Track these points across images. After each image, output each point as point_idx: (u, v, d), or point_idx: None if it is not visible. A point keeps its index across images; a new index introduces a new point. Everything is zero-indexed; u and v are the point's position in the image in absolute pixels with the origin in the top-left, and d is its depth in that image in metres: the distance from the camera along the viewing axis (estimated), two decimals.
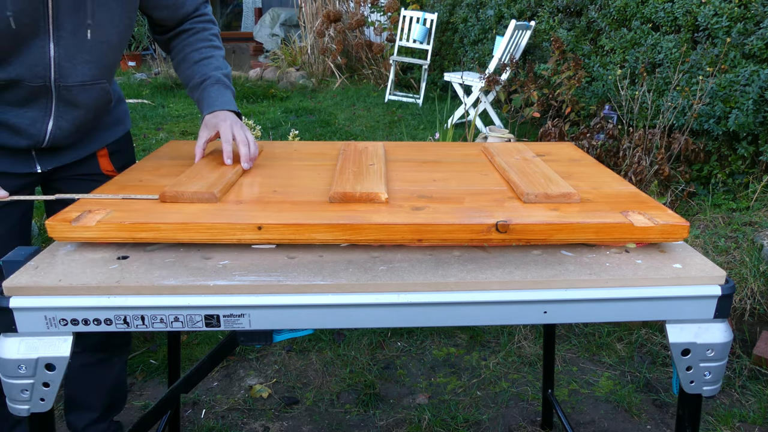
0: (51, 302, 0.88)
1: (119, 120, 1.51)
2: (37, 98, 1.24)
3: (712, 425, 1.90)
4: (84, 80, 1.26)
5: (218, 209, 1.04)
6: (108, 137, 1.47)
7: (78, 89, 1.27)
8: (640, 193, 1.17)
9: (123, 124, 1.53)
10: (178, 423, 1.83)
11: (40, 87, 1.22)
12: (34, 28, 1.15)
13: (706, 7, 3.55)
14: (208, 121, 1.34)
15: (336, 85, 7.45)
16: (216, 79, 1.38)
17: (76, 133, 1.35)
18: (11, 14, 1.11)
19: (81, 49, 1.23)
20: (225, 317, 0.91)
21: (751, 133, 3.32)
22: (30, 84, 1.21)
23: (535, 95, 4.47)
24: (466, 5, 6.38)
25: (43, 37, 1.17)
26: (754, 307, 2.41)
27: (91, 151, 1.44)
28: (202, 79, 1.38)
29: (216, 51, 1.45)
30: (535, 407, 2.01)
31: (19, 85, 1.20)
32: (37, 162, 1.34)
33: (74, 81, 1.25)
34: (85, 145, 1.42)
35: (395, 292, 0.92)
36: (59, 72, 1.22)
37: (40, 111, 1.26)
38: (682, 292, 0.94)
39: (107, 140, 1.47)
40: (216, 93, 1.37)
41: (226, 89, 1.39)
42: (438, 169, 1.32)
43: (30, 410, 0.92)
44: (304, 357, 2.26)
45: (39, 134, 1.28)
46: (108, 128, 1.47)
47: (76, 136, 1.37)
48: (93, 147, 1.44)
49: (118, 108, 1.50)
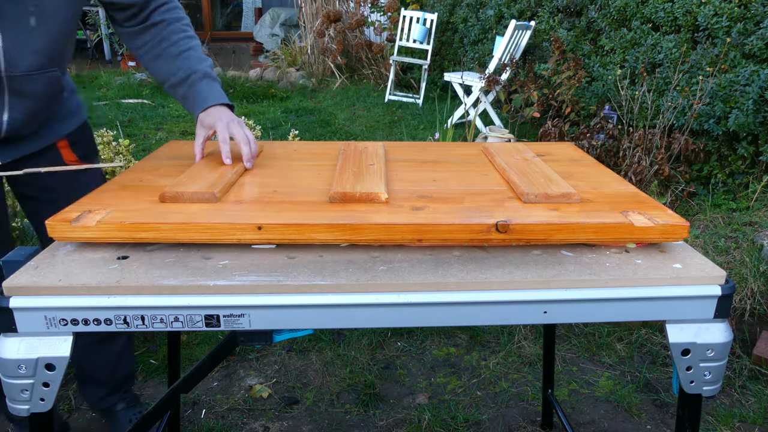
0: (51, 302, 0.88)
1: (74, 111, 1.50)
2: None
3: (712, 425, 1.90)
4: (31, 69, 1.25)
5: (218, 209, 1.04)
6: (65, 128, 1.47)
7: (26, 79, 1.25)
8: (640, 193, 1.17)
9: (78, 116, 1.51)
10: (178, 423, 1.83)
11: None
12: None
13: (706, 7, 3.55)
14: (204, 120, 1.31)
15: (336, 85, 7.45)
16: (203, 73, 1.34)
17: (31, 123, 1.35)
18: None
19: (27, 38, 1.21)
20: (225, 317, 0.91)
21: (751, 133, 3.32)
22: None
23: (535, 95, 4.47)
24: (466, 5, 6.39)
25: None
26: (754, 307, 2.41)
27: (50, 143, 1.44)
28: (187, 74, 1.34)
29: (193, 41, 1.39)
30: (535, 407, 2.01)
31: None
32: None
33: (22, 70, 1.24)
34: (43, 136, 1.41)
35: (395, 292, 0.92)
36: (8, 62, 1.21)
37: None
38: (682, 292, 0.94)
39: (65, 131, 1.47)
40: (206, 88, 1.33)
41: (214, 82, 1.35)
42: (438, 169, 1.32)
43: (30, 410, 0.92)
44: (304, 357, 2.26)
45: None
46: (64, 119, 1.46)
47: (32, 127, 1.37)
48: (51, 138, 1.44)
49: (71, 99, 1.49)
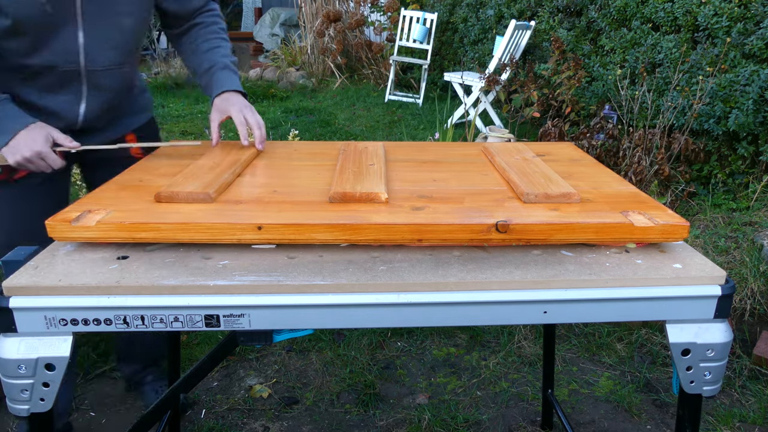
0: (51, 302, 0.88)
1: (143, 107, 1.66)
2: (70, 83, 1.38)
3: (712, 425, 1.90)
4: (110, 64, 1.40)
5: (218, 209, 1.04)
6: (134, 122, 1.62)
7: (104, 73, 1.40)
8: (640, 193, 1.17)
9: (147, 111, 1.68)
10: (178, 423, 1.83)
11: (72, 72, 1.36)
12: (64, 16, 1.28)
13: (706, 7, 3.55)
14: (218, 105, 1.44)
15: (336, 85, 7.45)
16: (224, 65, 1.49)
17: (105, 115, 1.50)
18: (45, 1, 1.23)
19: (106, 36, 1.36)
20: (225, 317, 0.91)
21: (751, 133, 3.32)
22: (62, 69, 1.34)
23: (535, 95, 4.47)
24: (466, 5, 6.39)
25: (72, 24, 1.30)
26: (754, 307, 2.41)
27: (120, 135, 1.58)
28: (210, 65, 1.49)
29: (224, 42, 1.56)
30: (535, 407, 2.01)
31: (53, 71, 1.34)
32: None
33: (101, 65, 1.39)
34: (114, 128, 1.57)
35: (395, 292, 0.92)
36: (88, 57, 1.35)
37: (73, 95, 1.40)
38: (682, 292, 0.94)
39: (134, 125, 1.62)
40: (223, 76, 1.47)
41: (233, 74, 1.49)
42: (438, 169, 1.32)
43: (30, 410, 0.92)
44: (304, 357, 2.26)
45: (73, 116, 1.43)
46: (133, 114, 1.62)
47: (105, 119, 1.52)
48: (121, 131, 1.58)
49: (142, 96, 1.65)
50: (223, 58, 1.50)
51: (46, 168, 1.31)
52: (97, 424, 1.90)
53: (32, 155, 1.27)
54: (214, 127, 1.43)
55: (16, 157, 1.27)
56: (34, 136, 1.28)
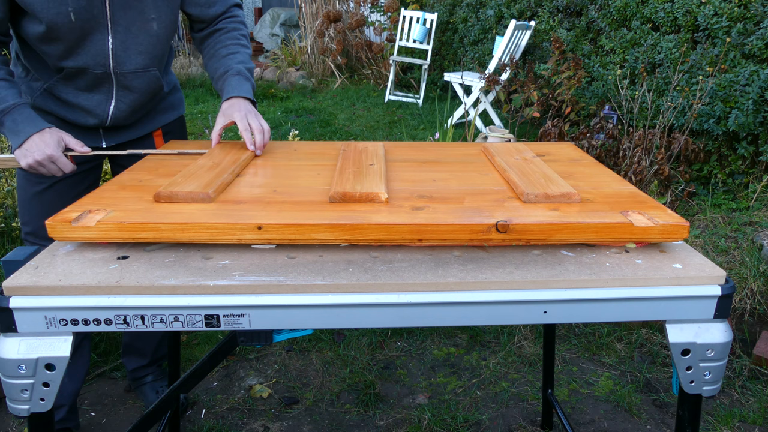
0: (51, 302, 0.88)
1: (173, 106, 1.72)
2: (101, 84, 1.47)
3: (712, 425, 1.90)
4: (137, 68, 1.48)
5: (218, 209, 1.04)
6: (162, 120, 1.69)
7: (132, 76, 1.48)
8: (639, 193, 1.17)
9: (176, 110, 1.73)
10: (178, 423, 1.83)
11: (103, 74, 1.45)
12: (94, 23, 1.36)
13: (706, 7, 3.55)
14: (225, 110, 1.47)
15: (336, 85, 7.45)
16: (237, 71, 1.53)
17: (133, 114, 1.57)
18: (72, 10, 1.31)
19: (134, 41, 1.44)
20: (225, 317, 0.91)
21: (751, 133, 3.32)
22: (94, 71, 1.43)
23: (535, 95, 4.47)
24: (466, 5, 6.39)
25: (102, 31, 1.39)
26: (754, 307, 2.41)
27: (148, 131, 1.66)
28: (225, 70, 1.53)
29: (242, 48, 1.59)
30: (535, 407, 2.01)
31: (86, 73, 1.43)
32: (104, 138, 1.59)
33: (129, 68, 1.46)
34: (143, 125, 1.65)
35: (395, 292, 0.92)
36: (116, 61, 1.44)
37: (104, 95, 1.49)
38: (682, 292, 0.94)
39: (161, 123, 1.69)
40: (235, 82, 1.51)
41: (245, 80, 1.53)
42: (438, 169, 1.32)
43: (30, 410, 0.92)
44: (304, 357, 2.26)
45: (103, 114, 1.52)
46: (162, 112, 1.68)
47: (133, 117, 1.59)
48: (149, 128, 1.66)
49: (172, 95, 1.72)
50: (237, 65, 1.54)
51: (57, 171, 1.35)
52: (97, 424, 1.90)
53: (44, 158, 1.31)
54: (216, 130, 1.46)
55: (28, 159, 1.31)
56: (46, 140, 1.32)
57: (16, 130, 1.32)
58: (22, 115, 1.33)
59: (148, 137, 1.67)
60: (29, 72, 1.48)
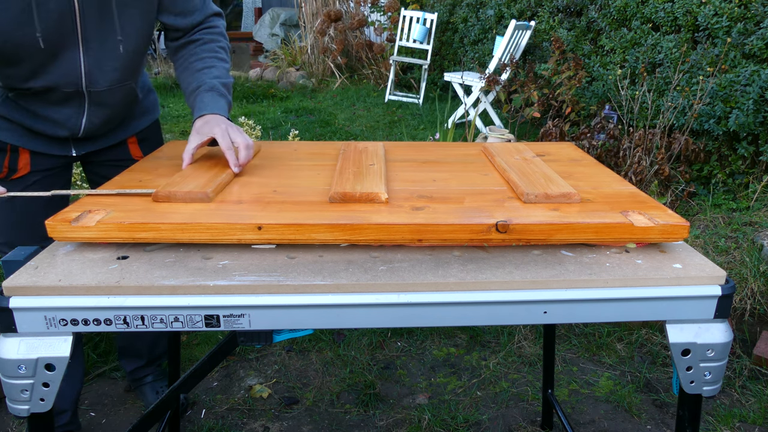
0: (51, 302, 0.88)
1: (147, 110, 1.64)
2: (72, 99, 1.38)
3: (712, 425, 1.90)
4: (111, 84, 1.39)
5: (218, 209, 1.04)
6: (136, 126, 1.62)
7: (106, 92, 1.40)
8: (640, 193, 1.17)
9: (151, 114, 1.66)
10: (178, 423, 1.83)
11: (74, 92, 1.36)
12: (65, 42, 1.26)
13: (706, 7, 3.55)
14: (199, 127, 1.30)
15: (336, 85, 7.45)
16: (210, 86, 1.38)
17: (107, 125, 1.51)
18: (40, 35, 1.21)
19: (109, 58, 1.34)
20: (225, 317, 0.91)
21: (751, 133, 3.32)
22: (65, 90, 1.34)
23: (535, 95, 4.47)
24: (466, 5, 6.39)
25: (73, 49, 1.29)
26: (754, 307, 2.41)
27: (121, 139, 1.59)
28: (198, 85, 1.39)
29: (219, 62, 1.45)
30: (535, 407, 2.01)
31: (55, 91, 1.34)
32: (73, 147, 1.52)
33: (103, 86, 1.38)
34: (116, 133, 1.58)
35: (395, 292, 0.92)
36: (89, 79, 1.35)
37: (75, 109, 1.41)
38: (682, 292, 0.94)
39: (136, 129, 1.61)
40: (208, 99, 1.36)
41: (220, 96, 1.38)
42: (438, 169, 1.32)
43: (30, 410, 0.92)
44: (304, 357, 2.26)
45: (75, 127, 1.44)
46: (136, 118, 1.61)
47: (107, 128, 1.53)
48: (122, 135, 1.59)
49: (146, 99, 1.63)
50: (212, 80, 1.40)
51: None
52: (97, 424, 1.90)
53: None
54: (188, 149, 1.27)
55: None
56: None
57: None
58: None
59: (122, 144, 1.59)
60: None
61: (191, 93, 1.40)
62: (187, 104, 1.43)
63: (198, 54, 1.45)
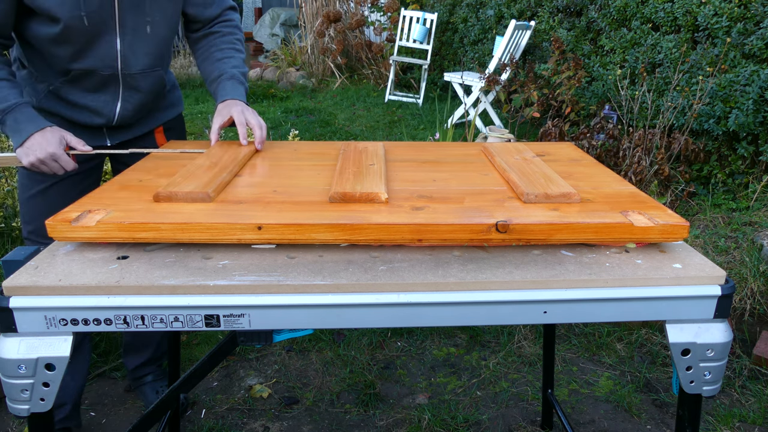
0: (51, 302, 0.88)
1: (173, 103, 1.75)
2: (108, 85, 1.49)
3: (712, 425, 1.90)
4: (144, 69, 1.51)
5: (218, 209, 1.04)
6: (163, 117, 1.71)
7: (139, 76, 1.51)
8: (639, 193, 1.17)
9: (176, 107, 1.77)
10: (178, 423, 1.83)
11: (110, 75, 1.47)
12: (103, 26, 1.39)
13: (706, 7, 3.55)
14: (221, 110, 1.50)
15: (336, 85, 7.45)
16: (231, 75, 1.56)
17: (138, 113, 1.60)
18: (84, 14, 1.34)
19: (141, 43, 1.46)
20: (225, 317, 0.91)
21: (751, 133, 3.32)
22: (102, 73, 1.45)
23: (535, 95, 4.47)
24: (466, 5, 6.39)
25: (111, 33, 1.41)
26: (754, 307, 2.41)
27: (150, 129, 1.69)
28: (219, 74, 1.56)
29: (237, 53, 1.62)
30: (535, 407, 2.01)
31: (94, 74, 1.45)
32: (107, 137, 1.61)
33: (136, 69, 1.49)
34: (145, 123, 1.67)
35: (395, 292, 0.92)
36: (124, 62, 1.46)
37: (111, 95, 1.51)
38: (682, 292, 0.94)
39: (162, 120, 1.71)
40: (230, 86, 1.54)
41: (239, 85, 1.56)
42: (438, 169, 1.32)
43: (30, 410, 0.92)
44: (304, 357, 2.26)
45: (110, 114, 1.54)
46: (163, 110, 1.71)
47: (138, 116, 1.62)
48: (151, 125, 1.69)
49: (172, 93, 1.74)
50: (232, 69, 1.57)
51: (58, 170, 1.36)
52: (97, 424, 1.90)
53: (45, 157, 1.32)
54: (214, 129, 1.48)
55: (30, 158, 1.32)
56: (48, 138, 1.33)
57: (18, 129, 1.33)
58: (24, 115, 1.34)
59: (150, 134, 1.70)
60: (33, 74, 1.49)
61: (213, 81, 1.57)
62: (209, 90, 1.60)
63: (218, 45, 1.61)
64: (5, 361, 0.89)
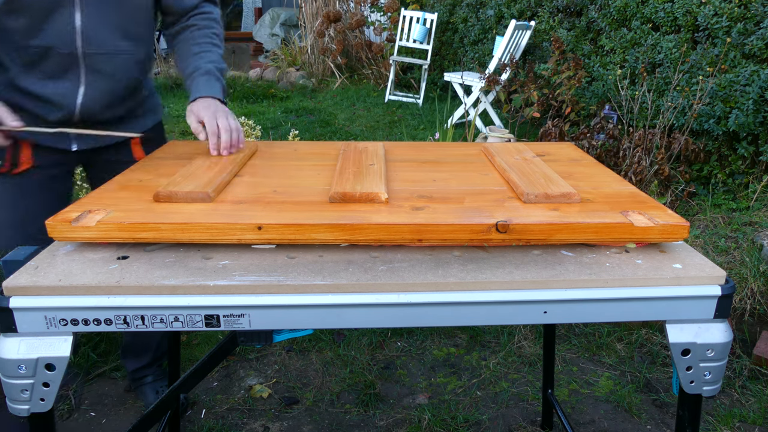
0: (51, 302, 0.88)
1: (150, 110, 1.65)
2: (69, 68, 1.37)
3: (712, 425, 1.90)
4: (108, 49, 1.38)
5: (218, 209, 1.04)
6: (140, 126, 1.59)
7: (103, 57, 1.39)
8: (639, 193, 1.17)
9: (154, 115, 1.67)
10: (178, 423, 1.83)
11: (70, 54, 1.34)
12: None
13: (706, 7, 3.55)
14: (192, 109, 1.39)
15: (336, 85, 7.45)
16: (206, 70, 1.45)
17: (107, 107, 1.47)
18: None
19: (104, 18, 1.35)
20: (225, 317, 0.91)
21: (751, 133, 3.32)
22: (60, 51, 1.33)
23: (535, 95, 4.47)
24: (466, 5, 6.39)
25: (69, 5, 1.30)
26: (754, 307, 2.41)
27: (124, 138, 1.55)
28: (193, 69, 1.45)
29: (214, 48, 1.52)
30: (535, 407, 2.01)
31: (51, 53, 1.33)
32: (74, 141, 1.49)
33: (99, 49, 1.37)
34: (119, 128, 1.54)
35: (395, 292, 0.92)
36: (85, 40, 1.34)
37: (72, 82, 1.38)
38: (682, 292, 0.94)
39: (139, 128, 1.58)
40: (203, 82, 1.43)
41: (215, 81, 1.45)
42: (438, 169, 1.32)
43: (30, 410, 0.92)
44: (304, 357, 2.26)
45: (71, 105, 1.41)
46: (140, 117, 1.60)
47: (107, 113, 1.49)
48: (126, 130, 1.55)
49: (150, 100, 1.64)
50: (207, 64, 1.46)
51: None
52: (97, 424, 1.90)
53: None
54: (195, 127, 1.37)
55: None
56: None
57: None
58: None
59: (125, 145, 1.58)
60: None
61: (188, 76, 1.46)
62: (185, 87, 1.47)
63: (195, 39, 1.51)
64: (5, 361, 0.89)
